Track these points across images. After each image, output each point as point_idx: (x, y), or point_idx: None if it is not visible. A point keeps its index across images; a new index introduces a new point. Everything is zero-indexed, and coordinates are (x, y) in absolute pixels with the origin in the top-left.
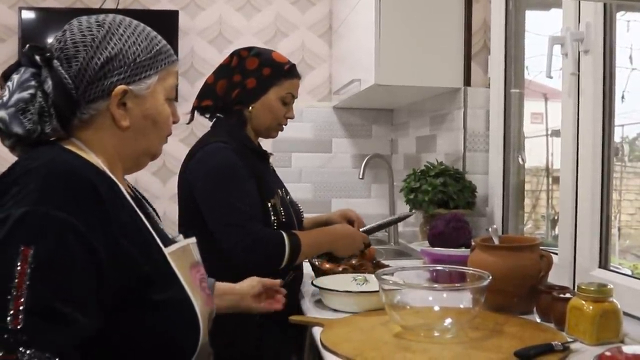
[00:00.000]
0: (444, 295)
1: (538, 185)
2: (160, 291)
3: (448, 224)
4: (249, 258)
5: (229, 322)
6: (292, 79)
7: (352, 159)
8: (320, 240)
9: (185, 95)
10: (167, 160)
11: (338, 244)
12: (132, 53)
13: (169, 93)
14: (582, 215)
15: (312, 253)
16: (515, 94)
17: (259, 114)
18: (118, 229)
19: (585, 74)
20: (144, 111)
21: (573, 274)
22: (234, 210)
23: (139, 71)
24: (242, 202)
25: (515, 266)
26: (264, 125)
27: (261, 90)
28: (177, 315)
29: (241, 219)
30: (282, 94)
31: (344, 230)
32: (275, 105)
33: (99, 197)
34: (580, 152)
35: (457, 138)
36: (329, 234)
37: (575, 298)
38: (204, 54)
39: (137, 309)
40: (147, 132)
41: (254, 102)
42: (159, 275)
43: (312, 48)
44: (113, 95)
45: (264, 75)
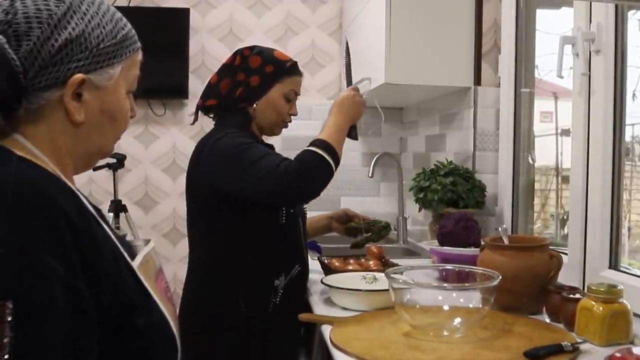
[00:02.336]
0: (453, 295)
1: (547, 184)
2: (141, 314)
3: (457, 223)
4: (302, 187)
5: (212, 312)
6: (294, 76)
7: (362, 158)
8: (336, 124)
9: (196, 92)
10: (177, 157)
11: (348, 112)
12: (95, 37)
13: (131, 85)
14: (592, 215)
15: (342, 137)
16: (525, 93)
17: (263, 110)
18: (95, 257)
19: (596, 74)
20: (102, 105)
21: (583, 274)
22: (260, 163)
23: (102, 59)
24: (264, 153)
25: (525, 266)
26: (268, 122)
27: (265, 88)
28: (157, 339)
29: (270, 165)
30: (285, 90)
31: (339, 103)
32: (278, 102)
33: (71, 222)
34: (591, 152)
35: (467, 137)
36: (335, 116)
37: (585, 299)
38: (214, 51)
39: (123, 337)
40: (103, 129)
41: (258, 100)
42: (137, 297)
43: (322, 46)
44: (69, 85)
45: (267, 73)
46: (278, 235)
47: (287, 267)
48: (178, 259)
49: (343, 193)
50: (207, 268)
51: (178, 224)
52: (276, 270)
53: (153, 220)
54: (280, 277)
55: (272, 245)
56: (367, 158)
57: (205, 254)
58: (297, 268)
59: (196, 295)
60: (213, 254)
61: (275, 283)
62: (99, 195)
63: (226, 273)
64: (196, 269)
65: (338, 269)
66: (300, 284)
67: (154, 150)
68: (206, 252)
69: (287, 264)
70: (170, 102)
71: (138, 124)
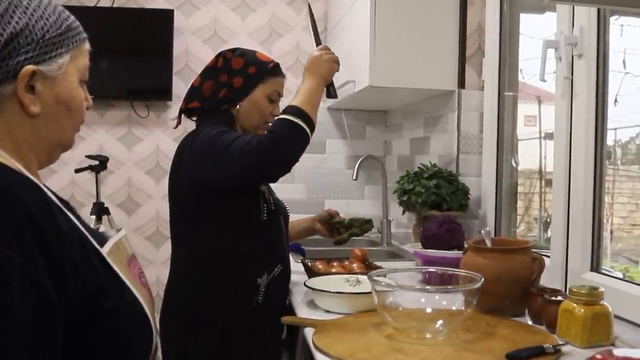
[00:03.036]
0: (436, 297)
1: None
2: (110, 298)
3: (441, 226)
4: (278, 157)
5: (195, 311)
6: (277, 77)
7: (346, 160)
8: (309, 87)
9: (179, 94)
10: (161, 160)
11: (320, 71)
12: (39, 28)
13: (83, 74)
14: (574, 218)
15: (315, 100)
16: (509, 96)
17: (246, 112)
18: (59, 246)
19: (579, 78)
20: (56, 95)
21: (565, 276)
22: (234, 145)
23: (49, 49)
24: (237, 136)
25: (508, 269)
26: (251, 123)
27: (248, 89)
28: (130, 320)
29: (243, 143)
30: (268, 91)
31: (309, 64)
32: (262, 102)
33: (32, 216)
34: (573, 155)
35: (451, 140)
36: (306, 79)
37: (566, 301)
38: (198, 53)
39: (90, 321)
40: (60, 119)
41: (241, 101)
42: (106, 281)
43: (307, 49)
44: (20, 77)
45: (249, 74)
46: (260, 233)
47: (269, 266)
48: (161, 261)
49: (327, 196)
50: (190, 268)
51: (161, 226)
52: (259, 269)
53: (136, 222)
54: (263, 276)
55: (254, 243)
56: (351, 160)
57: (187, 254)
58: (279, 267)
59: (178, 296)
60: (195, 254)
61: (258, 282)
62: (81, 198)
63: (208, 272)
64: (178, 269)
65: (321, 271)
66: (283, 284)
67: (137, 152)
68: (188, 252)
69: (269, 263)
70: (154, 104)
71: (121, 126)
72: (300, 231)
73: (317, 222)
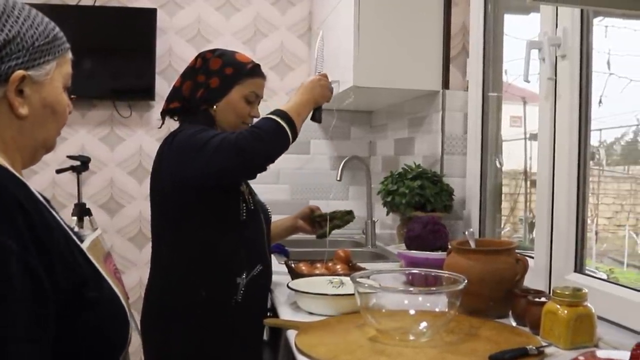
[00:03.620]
0: (419, 299)
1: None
2: (92, 289)
3: (425, 227)
4: (257, 152)
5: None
6: (255, 78)
7: (330, 161)
8: (299, 101)
9: (163, 94)
10: (144, 160)
11: (313, 93)
12: (30, 36)
13: (66, 81)
14: (558, 219)
15: (303, 112)
16: (493, 97)
17: (223, 112)
18: (48, 237)
19: (562, 79)
20: (42, 99)
21: (549, 277)
22: (213, 140)
23: (38, 56)
24: (217, 133)
25: (491, 270)
26: (229, 124)
27: (224, 89)
28: (108, 311)
29: (221, 138)
30: (245, 92)
31: (305, 84)
32: (238, 103)
33: (22, 207)
34: (557, 156)
35: (435, 141)
36: (299, 94)
37: (550, 302)
38: (182, 53)
39: (74, 310)
40: (46, 122)
41: (218, 101)
42: (88, 274)
43: (291, 49)
44: (11, 81)
45: (226, 75)
46: (239, 233)
47: (248, 266)
48: (144, 262)
49: (311, 196)
50: (169, 267)
51: (144, 227)
52: (238, 268)
53: (118, 223)
54: (242, 276)
55: (233, 243)
56: (335, 161)
57: (167, 253)
58: (259, 267)
59: (158, 295)
60: (175, 252)
61: (237, 281)
62: (63, 199)
63: (188, 271)
64: (158, 268)
65: (305, 273)
66: (263, 284)
67: (120, 153)
68: (168, 251)
69: (249, 262)
70: (137, 104)
71: (104, 126)
72: (283, 230)
73: (299, 219)
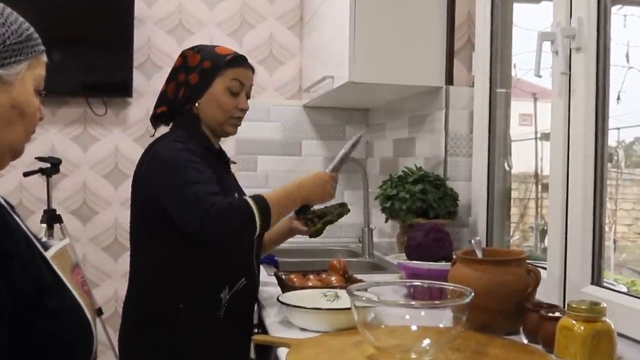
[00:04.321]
0: (422, 314)
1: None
2: (53, 297)
3: (427, 235)
4: (216, 230)
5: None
6: (236, 68)
7: (324, 162)
8: (288, 193)
9: (140, 90)
10: (120, 162)
11: (308, 191)
12: (1, 34)
13: (39, 84)
14: (573, 226)
15: (285, 208)
16: (501, 93)
17: (206, 108)
18: (8, 240)
19: (577, 73)
20: (11, 100)
21: (563, 290)
22: (191, 187)
23: (9, 54)
24: (200, 179)
25: (500, 282)
26: (214, 120)
27: (204, 84)
28: (71, 321)
29: (200, 193)
30: (227, 83)
31: (309, 177)
32: (221, 96)
33: None
34: (571, 158)
35: (438, 141)
36: (295, 184)
37: (565, 317)
38: (161, 45)
39: (33, 318)
40: (14, 124)
41: (200, 97)
42: (50, 281)
43: (281, 41)
44: None
45: (205, 69)
46: None
47: (231, 280)
48: (120, 274)
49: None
50: (147, 279)
51: (120, 236)
52: (219, 282)
53: (92, 231)
54: (225, 290)
55: (215, 255)
56: (329, 163)
57: (146, 265)
58: (242, 281)
59: (136, 310)
60: (153, 264)
61: (220, 295)
62: (31, 204)
63: (167, 284)
64: (136, 280)
65: (296, 285)
66: (248, 299)
67: (94, 154)
68: (147, 262)
69: (232, 276)
70: (112, 101)
71: (76, 125)
72: (280, 234)
73: (294, 220)
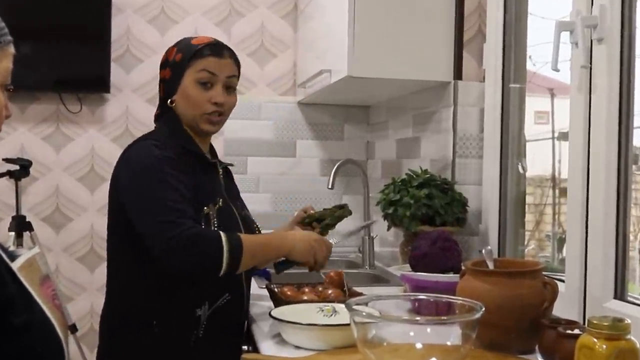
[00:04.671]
0: (428, 330)
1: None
2: (19, 313)
3: (433, 244)
4: (180, 258)
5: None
6: (205, 58)
7: (320, 165)
8: (269, 241)
9: (119, 85)
10: (96, 164)
11: (293, 246)
12: None
13: (4, 77)
14: (594, 235)
15: (262, 255)
16: (515, 89)
17: (180, 105)
18: None
19: (599, 67)
20: None
21: (583, 305)
22: (161, 206)
23: None
24: (172, 198)
25: (514, 296)
26: (189, 118)
27: (176, 79)
28: (39, 339)
29: (169, 215)
30: (195, 75)
31: (299, 232)
32: (191, 91)
33: None
34: (592, 159)
35: (445, 141)
36: (279, 234)
37: (585, 335)
38: (142, 35)
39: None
40: None
41: (175, 94)
42: (15, 295)
43: (273, 31)
44: None
45: (176, 62)
46: None
47: (211, 295)
48: (96, 287)
49: (297, 207)
50: (122, 293)
51: (96, 245)
52: (196, 298)
53: (66, 240)
54: (203, 306)
55: None
56: (326, 166)
57: (120, 277)
58: (225, 297)
59: (110, 328)
60: (128, 276)
61: (197, 313)
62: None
63: (140, 299)
64: (112, 293)
65: (290, 299)
66: (233, 316)
67: (67, 155)
68: (120, 275)
69: (211, 291)
70: (88, 97)
71: (48, 123)
72: None
73: (295, 226)
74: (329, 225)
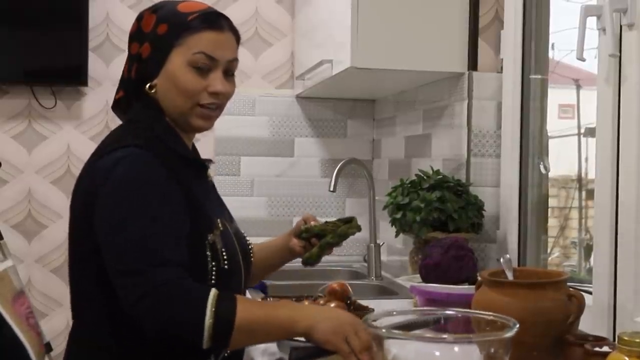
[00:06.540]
0: (455, 350)
1: (568, 201)
2: None
3: (446, 253)
4: (150, 320)
5: None
6: (200, 32)
7: (321, 166)
8: (278, 313)
9: (97, 77)
10: (73, 165)
11: (322, 329)
12: None
13: None
14: (624, 242)
15: (260, 331)
16: (536, 80)
17: (163, 93)
18: None
19: (629, 55)
20: None
21: (613, 320)
22: (140, 248)
23: None
24: (159, 231)
25: (535, 309)
26: (176, 109)
27: (159, 58)
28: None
29: (148, 260)
30: (188, 55)
31: (330, 309)
32: (181, 75)
33: None
34: (622, 157)
35: (459, 139)
36: (301, 308)
37: (615, 352)
38: (123, 22)
39: None
40: None
41: (156, 77)
42: None
43: (269, 18)
44: None
45: (159, 36)
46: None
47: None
48: None
49: (295, 212)
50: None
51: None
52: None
53: (39, 250)
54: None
55: None
56: (328, 166)
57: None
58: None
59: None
60: (95, 299)
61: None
62: None
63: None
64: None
65: None
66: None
67: (41, 156)
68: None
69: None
70: (63, 90)
71: (18, 119)
72: (276, 257)
73: (293, 237)
74: (330, 243)
